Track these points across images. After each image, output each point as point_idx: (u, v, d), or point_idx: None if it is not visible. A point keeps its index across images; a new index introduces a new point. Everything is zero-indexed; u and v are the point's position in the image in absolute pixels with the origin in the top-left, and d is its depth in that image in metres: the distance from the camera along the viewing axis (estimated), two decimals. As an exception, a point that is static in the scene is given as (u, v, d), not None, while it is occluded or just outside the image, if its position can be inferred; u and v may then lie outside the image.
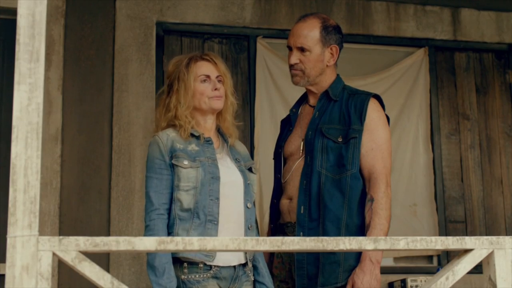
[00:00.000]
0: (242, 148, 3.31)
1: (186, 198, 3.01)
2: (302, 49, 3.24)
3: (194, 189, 3.03)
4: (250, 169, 3.21)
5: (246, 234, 3.05)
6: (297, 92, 3.63)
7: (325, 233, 3.07)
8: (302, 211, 3.15)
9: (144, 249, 2.24)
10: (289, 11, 5.25)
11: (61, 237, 2.17)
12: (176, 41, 5.09)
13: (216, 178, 3.06)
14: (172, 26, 5.05)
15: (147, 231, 3.02)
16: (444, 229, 5.33)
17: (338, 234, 3.06)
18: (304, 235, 3.08)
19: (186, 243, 2.29)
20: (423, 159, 5.45)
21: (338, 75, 3.36)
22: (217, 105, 3.16)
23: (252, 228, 3.10)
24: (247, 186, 3.13)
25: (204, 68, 3.20)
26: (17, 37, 2.21)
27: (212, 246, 2.30)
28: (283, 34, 5.17)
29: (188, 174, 3.04)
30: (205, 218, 2.99)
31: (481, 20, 5.64)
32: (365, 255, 3.03)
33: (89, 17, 4.87)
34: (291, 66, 3.28)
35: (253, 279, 3.10)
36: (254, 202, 3.19)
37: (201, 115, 3.20)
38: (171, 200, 3.05)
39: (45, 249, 2.12)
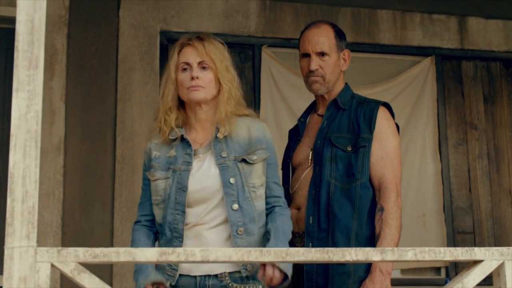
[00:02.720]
0: (243, 134, 2.91)
1: (158, 213, 2.86)
2: (322, 54, 3.22)
3: (163, 202, 2.84)
4: (244, 160, 2.86)
5: (234, 240, 2.75)
6: (302, 101, 3.60)
7: (334, 244, 3.03)
8: (311, 221, 3.11)
9: (145, 260, 2.20)
10: (294, 20, 5.22)
11: (59, 248, 2.14)
12: (180, 50, 5.04)
13: (182, 188, 2.80)
14: (176, 35, 4.97)
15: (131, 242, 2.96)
16: (452, 240, 5.29)
17: (348, 244, 3.02)
18: (313, 245, 3.05)
19: (188, 254, 2.24)
20: (431, 169, 5.41)
21: (346, 83, 3.34)
22: (194, 97, 2.84)
23: (244, 232, 2.78)
24: (228, 186, 2.79)
25: (185, 54, 2.89)
26: (15, 43, 2.18)
27: (214, 257, 2.26)
28: (288, 43, 5.14)
29: (157, 186, 2.86)
30: (171, 235, 2.79)
31: (488, 28, 5.61)
32: (375, 266, 2.99)
33: (92, 26, 4.85)
34: (311, 73, 3.23)
35: None
36: (252, 199, 2.83)
37: (189, 108, 2.92)
38: None
39: (43, 260, 2.09)
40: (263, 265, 2.71)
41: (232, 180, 2.80)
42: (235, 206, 2.78)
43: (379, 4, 5.40)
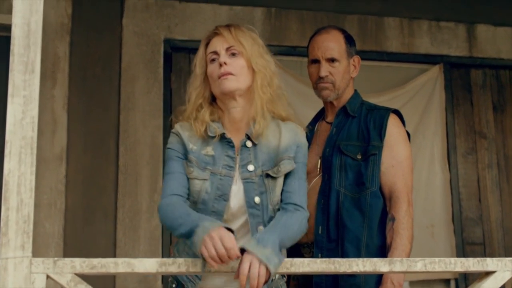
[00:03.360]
0: (274, 143, 2.58)
1: None
2: (332, 60, 3.16)
3: (193, 203, 2.51)
4: (269, 175, 2.54)
5: None
6: (308, 110, 3.54)
7: (344, 254, 2.96)
8: (320, 232, 3.04)
9: (144, 271, 2.15)
10: (300, 28, 5.16)
11: (55, 258, 2.10)
12: (184, 58, 4.99)
13: (223, 197, 2.49)
14: (180, 43, 4.96)
15: (160, 216, 2.46)
16: (462, 251, 5.20)
17: (358, 255, 2.95)
18: (322, 256, 2.97)
19: (189, 264, 2.19)
20: (439, 178, 5.34)
21: (356, 90, 3.29)
22: (226, 86, 2.52)
23: None
24: (253, 206, 2.50)
25: (212, 44, 2.60)
26: (11, 47, 2.15)
27: (217, 268, 2.20)
28: (293, 51, 5.08)
29: (192, 186, 2.52)
30: None
31: (497, 36, 5.55)
32: (386, 277, 2.92)
33: (95, 34, 4.79)
34: (320, 79, 3.17)
35: None
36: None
37: (222, 103, 2.59)
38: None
39: (39, 271, 2.06)
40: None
41: (257, 200, 2.51)
42: (261, 228, 2.49)
43: (386, 12, 5.34)
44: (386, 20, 5.35)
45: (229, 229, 2.26)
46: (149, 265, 2.15)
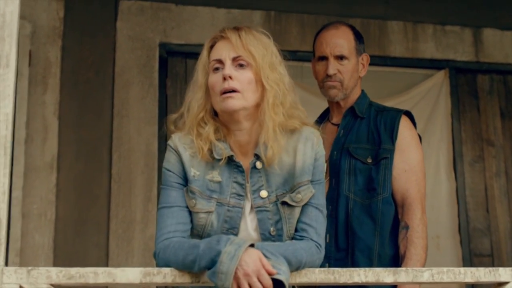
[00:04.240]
0: (288, 161, 2.26)
1: None
2: (341, 58, 3.04)
3: (197, 237, 2.23)
4: (285, 203, 2.24)
5: None
6: (309, 114, 3.39)
7: (354, 264, 2.84)
8: (327, 240, 2.90)
9: (126, 281, 2.03)
10: (300, 32, 5.07)
11: (29, 267, 1.96)
12: (180, 63, 4.89)
13: (232, 231, 2.21)
14: (176, 47, 4.86)
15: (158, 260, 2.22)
16: (469, 263, 5.10)
17: (370, 265, 2.83)
18: (330, 267, 2.83)
19: (176, 275, 2.04)
20: (445, 187, 5.23)
21: (363, 90, 3.17)
22: (229, 105, 2.19)
23: None
24: (268, 237, 2.22)
25: (216, 50, 2.26)
26: (-16, 39, 2.01)
27: (206, 278, 2.05)
28: (294, 55, 4.94)
29: (196, 220, 2.23)
30: None
31: (504, 40, 5.45)
32: None
33: (88, 38, 4.69)
34: (328, 77, 3.04)
35: None
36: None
37: (227, 121, 2.27)
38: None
39: (11, 281, 1.94)
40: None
41: (273, 231, 2.23)
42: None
43: (390, 15, 5.26)
44: (390, 24, 5.26)
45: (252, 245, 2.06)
46: (132, 275, 2.02)
